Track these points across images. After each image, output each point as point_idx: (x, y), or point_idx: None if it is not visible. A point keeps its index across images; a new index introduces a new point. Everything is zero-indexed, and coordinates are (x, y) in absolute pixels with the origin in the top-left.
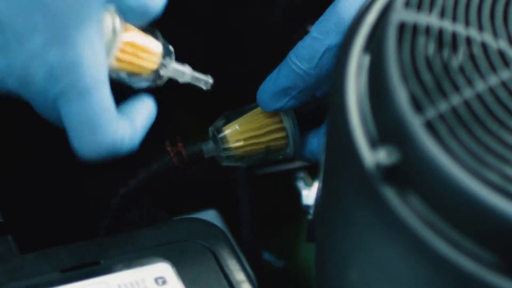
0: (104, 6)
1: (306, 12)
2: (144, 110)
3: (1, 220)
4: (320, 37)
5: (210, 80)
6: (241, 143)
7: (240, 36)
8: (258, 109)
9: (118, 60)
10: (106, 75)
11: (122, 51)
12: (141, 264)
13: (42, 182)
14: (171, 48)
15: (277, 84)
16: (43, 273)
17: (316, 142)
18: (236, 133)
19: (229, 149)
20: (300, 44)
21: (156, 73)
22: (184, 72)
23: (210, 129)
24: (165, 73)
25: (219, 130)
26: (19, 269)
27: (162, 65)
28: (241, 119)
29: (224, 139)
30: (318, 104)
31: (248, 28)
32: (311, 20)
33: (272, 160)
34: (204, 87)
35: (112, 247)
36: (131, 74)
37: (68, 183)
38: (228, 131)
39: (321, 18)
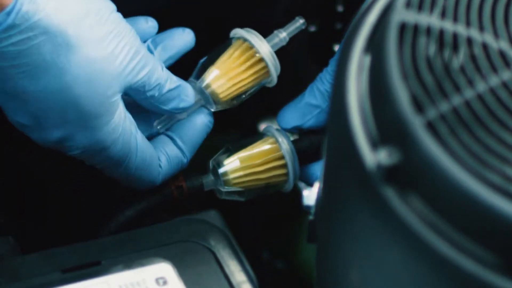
0: (121, 93)
1: (307, 13)
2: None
3: (2, 221)
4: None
5: (300, 20)
6: (241, 179)
7: None
8: (260, 144)
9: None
10: (136, 140)
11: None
12: (142, 264)
13: (43, 182)
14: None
15: (301, 101)
16: (44, 273)
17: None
18: (237, 169)
19: (229, 184)
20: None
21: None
22: (280, 39)
23: (211, 162)
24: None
25: (220, 165)
26: (20, 269)
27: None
28: (242, 154)
29: (224, 174)
30: (313, 141)
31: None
32: (312, 21)
33: (270, 193)
34: (303, 27)
35: (113, 248)
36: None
37: (69, 185)
38: (229, 166)
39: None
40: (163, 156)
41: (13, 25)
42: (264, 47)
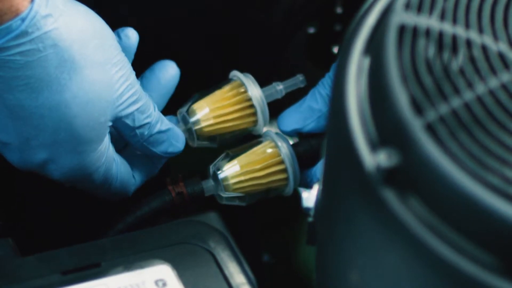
0: (111, 123)
1: (306, 14)
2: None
3: (1, 223)
4: None
5: (300, 77)
6: (242, 184)
7: (240, 38)
8: (260, 148)
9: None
10: (117, 167)
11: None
12: (141, 266)
13: (43, 184)
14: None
15: (303, 104)
16: (44, 275)
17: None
18: (237, 174)
19: (229, 189)
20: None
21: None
22: (276, 90)
23: (211, 167)
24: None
25: (220, 170)
26: (19, 271)
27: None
28: (242, 159)
29: (225, 179)
30: (313, 144)
31: (248, 30)
32: (311, 22)
33: (271, 197)
34: (302, 85)
35: (113, 249)
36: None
37: (69, 187)
38: (229, 171)
39: None
40: (137, 168)
41: (26, 32)
42: (256, 92)
